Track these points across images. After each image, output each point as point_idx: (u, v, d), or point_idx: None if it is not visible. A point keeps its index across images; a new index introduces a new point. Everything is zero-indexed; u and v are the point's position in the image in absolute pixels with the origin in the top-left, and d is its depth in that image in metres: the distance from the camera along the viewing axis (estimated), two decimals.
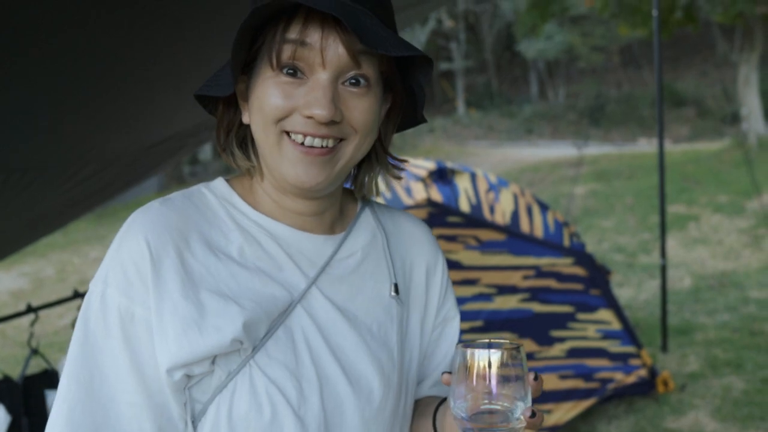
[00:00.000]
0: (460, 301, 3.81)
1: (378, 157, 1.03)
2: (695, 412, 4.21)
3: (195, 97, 0.98)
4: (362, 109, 0.91)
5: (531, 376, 0.86)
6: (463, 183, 4.37)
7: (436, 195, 4.13)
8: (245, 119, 0.96)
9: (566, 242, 4.40)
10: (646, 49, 20.61)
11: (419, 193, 4.06)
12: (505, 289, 4.03)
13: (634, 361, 4.35)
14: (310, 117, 0.88)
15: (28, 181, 2.39)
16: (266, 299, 0.92)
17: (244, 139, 0.99)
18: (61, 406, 0.88)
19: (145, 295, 0.87)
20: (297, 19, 0.88)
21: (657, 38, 5.37)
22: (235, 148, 0.98)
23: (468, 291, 3.92)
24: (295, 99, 0.89)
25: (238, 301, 0.89)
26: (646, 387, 4.41)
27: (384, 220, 1.11)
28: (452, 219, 3.97)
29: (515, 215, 4.33)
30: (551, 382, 4.03)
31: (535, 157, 16.39)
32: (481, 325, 3.90)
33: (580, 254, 4.32)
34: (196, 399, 0.90)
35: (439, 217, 3.94)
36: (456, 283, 3.86)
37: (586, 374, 4.17)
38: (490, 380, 0.84)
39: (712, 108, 19.97)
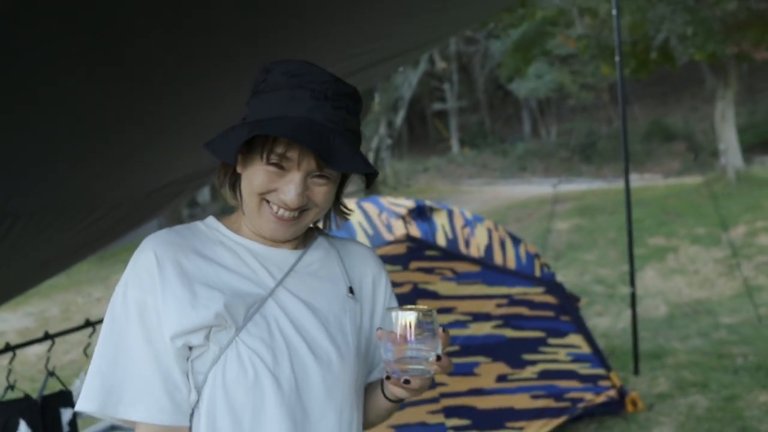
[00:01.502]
0: None
1: (334, 207, 1.42)
2: (660, 429, 4.51)
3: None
4: (323, 194, 1.29)
5: (440, 330, 1.21)
6: (440, 219, 4.68)
7: (415, 231, 4.40)
8: (239, 169, 1.33)
9: (537, 272, 4.71)
10: (635, 86, 21.02)
11: (399, 229, 4.34)
12: (479, 317, 4.29)
13: (604, 383, 4.58)
14: (284, 201, 1.27)
15: (44, 225, 2.66)
16: (243, 292, 1.29)
17: (236, 182, 1.36)
18: (95, 371, 1.25)
19: (154, 287, 1.25)
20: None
21: (620, 82, 5.73)
22: (227, 189, 1.36)
23: (444, 319, 4.15)
24: (276, 184, 1.25)
25: (221, 290, 1.27)
26: (616, 407, 4.63)
27: (336, 244, 1.49)
28: (430, 253, 4.28)
29: (489, 248, 4.62)
30: (523, 401, 4.28)
31: (526, 194, 16.78)
32: (457, 349, 4.16)
33: (550, 283, 4.61)
34: (198, 371, 1.26)
35: (417, 251, 4.25)
36: None
37: (557, 394, 4.39)
38: (410, 334, 1.18)
39: (702, 142, 20.36)
